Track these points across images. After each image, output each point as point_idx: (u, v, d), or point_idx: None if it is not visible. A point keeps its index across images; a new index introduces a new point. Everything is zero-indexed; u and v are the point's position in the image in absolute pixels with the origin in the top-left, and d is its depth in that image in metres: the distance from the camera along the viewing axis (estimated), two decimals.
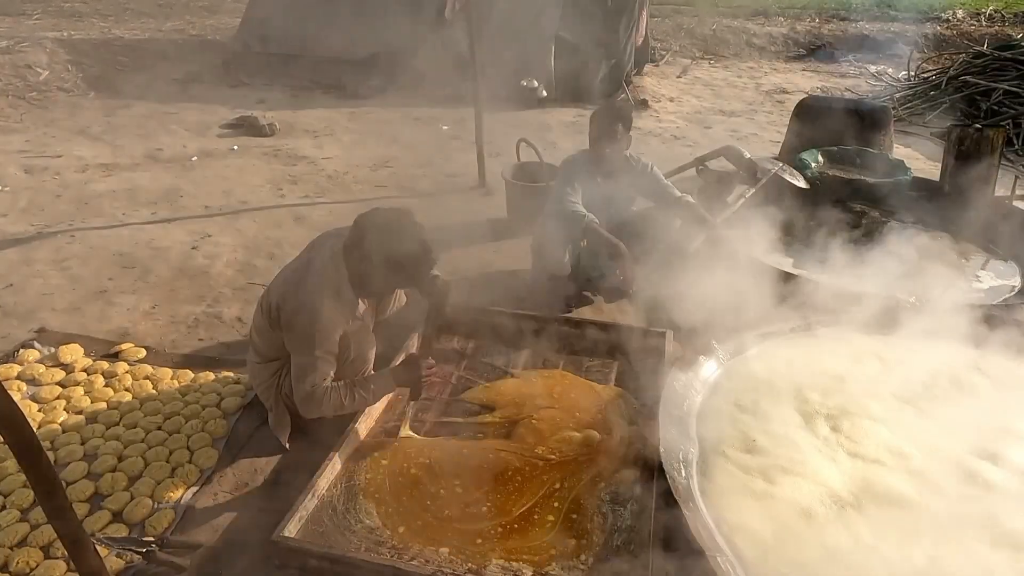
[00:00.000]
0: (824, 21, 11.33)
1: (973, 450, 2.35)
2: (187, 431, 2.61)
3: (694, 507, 2.08)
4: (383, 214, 2.37)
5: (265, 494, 2.38)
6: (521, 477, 2.35)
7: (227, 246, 4.17)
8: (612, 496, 2.29)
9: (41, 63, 7.65)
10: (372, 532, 2.16)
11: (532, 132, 6.50)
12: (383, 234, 2.31)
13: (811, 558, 1.97)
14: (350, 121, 6.85)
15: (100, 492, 2.35)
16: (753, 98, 8.15)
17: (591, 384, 2.88)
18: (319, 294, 2.32)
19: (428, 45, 7.89)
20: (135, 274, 3.82)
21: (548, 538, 2.14)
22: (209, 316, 3.44)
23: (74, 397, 2.78)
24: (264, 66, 8.28)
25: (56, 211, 4.62)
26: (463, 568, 2.02)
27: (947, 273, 3.67)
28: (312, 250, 2.50)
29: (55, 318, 3.38)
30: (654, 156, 4.01)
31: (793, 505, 2.14)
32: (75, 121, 6.59)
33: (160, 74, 8.33)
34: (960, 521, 2.07)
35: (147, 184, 5.11)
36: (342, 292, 2.37)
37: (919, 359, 2.83)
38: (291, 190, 5.08)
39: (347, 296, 2.39)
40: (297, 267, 2.48)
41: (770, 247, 3.80)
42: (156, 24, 10.57)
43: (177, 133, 6.35)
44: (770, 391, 2.66)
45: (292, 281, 2.41)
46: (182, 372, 2.97)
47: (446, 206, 4.86)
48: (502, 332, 3.20)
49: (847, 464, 2.30)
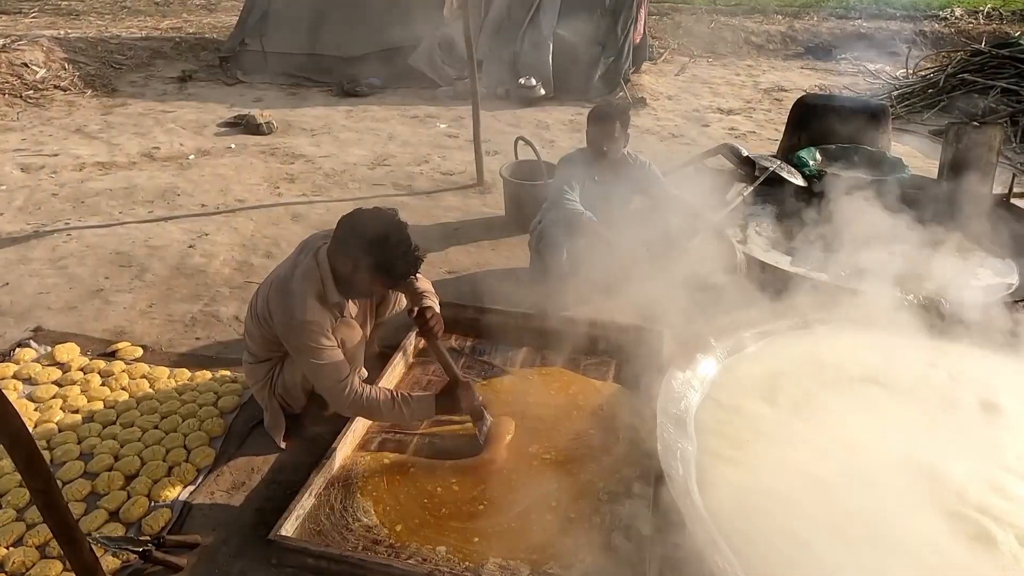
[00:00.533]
0: (822, 19, 11.34)
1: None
2: (184, 430, 2.61)
3: (691, 504, 2.07)
4: (366, 214, 2.32)
5: (262, 493, 2.37)
6: (518, 476, 2.35)
7: (224, 245, 4.16)
8: (610, 496, 2.29)
9: (38, 61, 7.63)
10: (369, 531, 2.15)
11: (530, 130, 6.54)
12: (365, 234, 2.26)
13: (805, 553, 1.98)
14: (347, 119, 6.84)
15: (96, 491, 2.34)
16: (751, 96, 8.15)
17: (589, 380, 2.87)
18: (303, 298, 2.28)
19: (426, 43, 7.89)
20: (132, 273, 3.81)
21: (546, 537, 2.13)
22: (206, 315, 3.43)
23: (70, 396, 2.77)
24: (261, 64, 8.27)
25: (52, 210, 4.60)
26: (460, 567, 2.02)
27: (945, 271, 3.67)
28: (300, 252, 2.46)
29: (51, 317, 3.37)
30: (652, 154, 4.00)
31: (786, 500, 2.14)
32: (72, 119, 6.58)
33: (157, 72, 8.33)
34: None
35: (144, 183, 5.09)
36: (327, 294, 2.33)
37: (912, 354, 2.83)
38: (288, 188, 5.07)
39: (333, 298, 2.35)
40: (283, 270, 2.43)
41: (768, 244, 3.79)
42: (153, 22, 10.56)
43: (174, 132, 6.34)
44: (769, 387, 2.66)
45: (277, 285, 2.38)
46: (179, 371, 2.96)
47: (444, 204, 4.86)
48: (500, 330, 3.19)
49: (839, 457, 2.31)
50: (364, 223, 2.28)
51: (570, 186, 3.39)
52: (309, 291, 2.29)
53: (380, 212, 2.34)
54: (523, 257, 3.86)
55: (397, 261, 2.27)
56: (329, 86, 7.90)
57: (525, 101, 7.38)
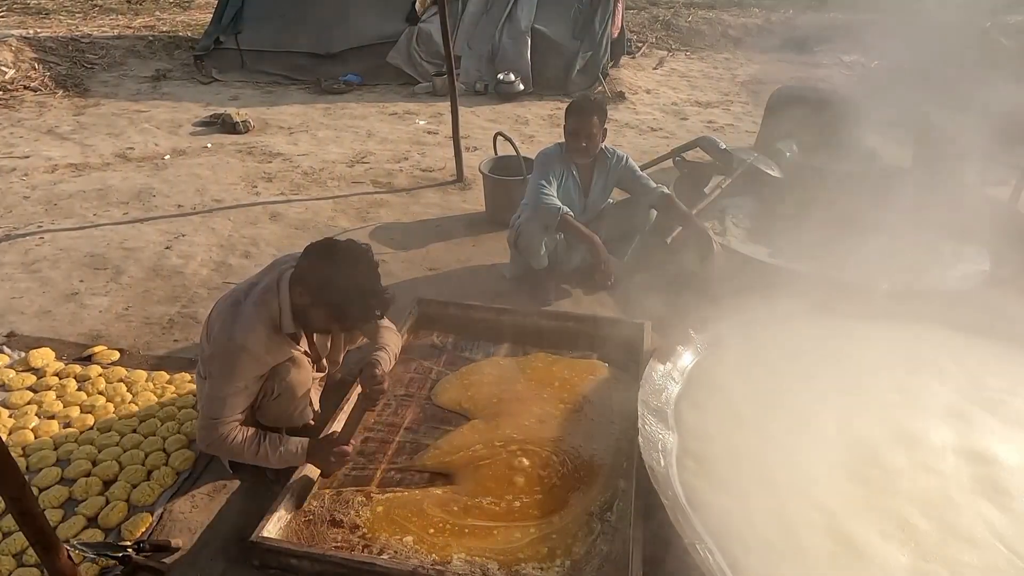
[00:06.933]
0: (798, 12, 11.43)
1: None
2: (163, 433, 2.58)
3: (673, 496, 2.09)
4: (334, 250, 2.15)
5: (243, 495, 2.35)
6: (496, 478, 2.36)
7: (201, 245, 4.11)
8: (592, 488, 2.30)
9: (6, 62, 7.48)
10: (355, 529, 2.15)
11: (509, 125, 6.53)
12: (326, 273, 2.11)
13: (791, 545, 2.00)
14: (325, 117, 6.79)
15: (74, 497, 2.31)
16: (729, 89, 8.21)
17: (573, 361, 2.93)
18: (252, 323, 2.14)
19: (404, 39, 7.85)
20: (107, 275, 3.76)
21: (525, 533, 2.14)
22: (184, 316, 3.39)
23: (46, 402, 2.72)
24: (237, 62, 8.18)
25: (24, 212, 4.52)
26: (443, 565, 2.01)
27: (919, 259, 3.73)
28: (265, 273, 2.31)
29: (25, 322, 3.31)
30: (631, 148, 4.02)
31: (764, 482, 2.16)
32: (43, 121, 6.45)
33: (130, 72, 8.19)
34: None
35: (118, 184, 5.02)
36: (283, 323, 2.18)
37: (893, 343, 2.88)
38: (266, 187, 5.02)
39: (287, 328, 2.19)
40: (239, 291, 2.29)
41: (746, 236, 3.83)
42: (125, 21, 10.38)
43: (149, 132, 6.25)
44: (747, 379, 2.69)
45: (231, 301, 2.24)
46: (157, 374, 2.93)
47: (424, 201, 4.84)
48: (480, 326, 3.19)
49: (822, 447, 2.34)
50: (330, 259, 2.13)
51: (548, 181, 3.39)
52: (260, 318, 2.16)
53: (349, 251, 2.15)
54: (503, 253, 3.86)
55: (353, 308, 2.14)
56: (306, 84, 7.83)
57: (504, 96, 7.37)
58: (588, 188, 3.59)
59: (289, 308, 2.18)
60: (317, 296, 2.13)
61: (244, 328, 2.14)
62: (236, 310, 2.19)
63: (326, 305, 2.14)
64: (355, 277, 2.11)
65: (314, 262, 2.15)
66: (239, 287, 2.31)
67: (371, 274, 2.16)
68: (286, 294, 2.18)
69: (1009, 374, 2.79)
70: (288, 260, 2.30)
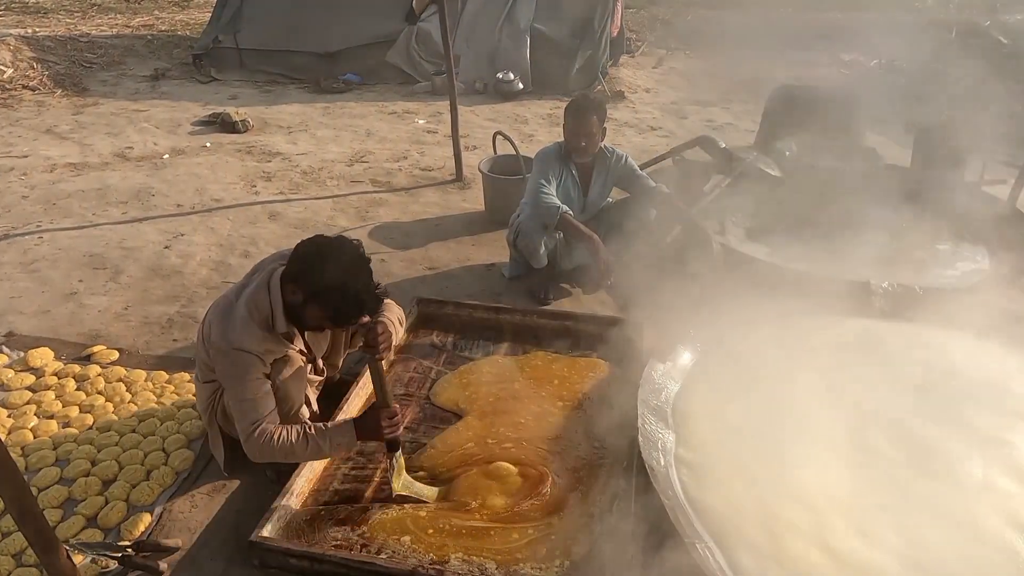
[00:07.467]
0: (797, 10, 11.42)
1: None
2: (162, 433, 2.58)
3: (673, 495, 2.09)
4: (324, 247, 2.13)
5: (242, 495, 2.35)
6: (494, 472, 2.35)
7: (201, 245, 4.11)
8: (591, 488, 2.30)
9: (5, 61, 7.47)
10: (354, 529, 2.15)
11: (509, 125, 6.53)
12: (317, 270, 2.09)
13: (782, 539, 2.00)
14: (324, 116, 6.78)
15: (73, 497, 2.31)
16: (728, 88, 8.20)
17: (573, 359, 2.94)
18: (243, 324, 2.12)
19: (403, 38, 7.84)
20: (106, 275, 3.75)
21: (524, 531, 2.14)
22: (183, 316, 3.39)
23: (45, 402, 2.72)
24: (235, 62, 8.17)
25: (23, 212, 4.52)
26: (442, 565, 2.01)
27: (919, 258, 3.73)
28: (253, 273, 2.29)
29: (24, 322, 3.31)
30: (630, 147, 4.02)
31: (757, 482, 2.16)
32: (42, 120, 6.45)
33: (129, 71, 8.19)
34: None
35: (117, 183, 5.01)
36: (275, 323, 2.16)
37: (892, 343, 2.87)
38: (265, 187, 5.02)
39: (280, 328, 2.17)
40: (231, 293, 2.26)
41: (745, 235, 3.83)
42: (124, 20, 10.38)
43: (147, 131, 6.24)
44: (749, 379, 2.69)
45: (222, 305, 2.22)
46: (156, 373, 2.93)
47: (423, 200, 4.84)
48: (480, 326, 3.19)
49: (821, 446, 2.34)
50: (321, 256, 2.11)
51: (547, 180, 3.39)
52: (252, 318, 2.14)
53: (340, 247, 2.13)
54: (503, 252, 3.86)
55: (345, 304, 2.11)
56: (305, 83, 7.83)
57: (503, 95, 7.37)
58: (587, 187, 3.58)
59: (281, 307, 2.16)
60: (309, 293, 2.12)
61: (239, 331, 2.13)
62: (229, 314, 2.17)
63: (318, 302, 2.12)
64: (346, 273, 2.09)
65: (305, 259, 2.13)
66: (228, 293, 2.28)
67: (362, 270, 2.14)
68: (277, 293, 2.17)
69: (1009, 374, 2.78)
70: (275, 259, 2.28)
